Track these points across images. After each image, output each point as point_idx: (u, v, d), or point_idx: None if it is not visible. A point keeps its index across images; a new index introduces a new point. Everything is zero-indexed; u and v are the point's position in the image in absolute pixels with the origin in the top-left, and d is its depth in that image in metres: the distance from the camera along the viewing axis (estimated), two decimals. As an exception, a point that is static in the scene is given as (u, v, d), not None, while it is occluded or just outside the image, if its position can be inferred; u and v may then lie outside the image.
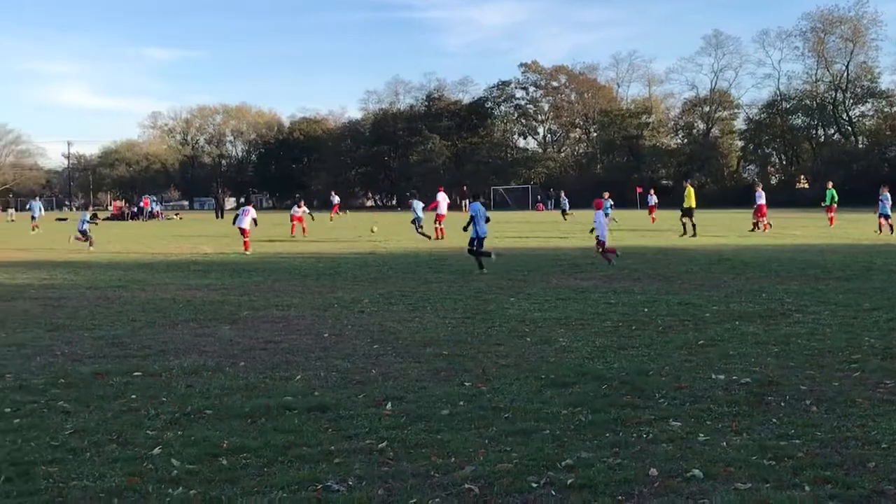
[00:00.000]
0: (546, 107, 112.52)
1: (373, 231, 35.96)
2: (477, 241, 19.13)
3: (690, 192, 32.50)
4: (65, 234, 35.19)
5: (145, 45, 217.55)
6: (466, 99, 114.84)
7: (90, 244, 29.22)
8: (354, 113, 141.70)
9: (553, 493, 5.11)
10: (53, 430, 6.48)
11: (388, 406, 7.10)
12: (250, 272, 19.59)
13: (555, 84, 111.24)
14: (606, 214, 37.64)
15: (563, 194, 56.49)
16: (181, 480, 5.37)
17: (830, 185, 37.13)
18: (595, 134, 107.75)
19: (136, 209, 72.93)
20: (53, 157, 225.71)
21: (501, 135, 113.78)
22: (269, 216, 57.69)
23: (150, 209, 72.84)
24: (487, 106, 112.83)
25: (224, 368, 8.77)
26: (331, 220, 53.08)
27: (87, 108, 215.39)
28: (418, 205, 32.70)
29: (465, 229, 19.83)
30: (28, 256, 26.04)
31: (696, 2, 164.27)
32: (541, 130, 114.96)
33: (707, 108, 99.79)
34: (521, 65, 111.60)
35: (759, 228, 33.23)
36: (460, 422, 6.60)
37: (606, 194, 39.71)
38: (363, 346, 9.97)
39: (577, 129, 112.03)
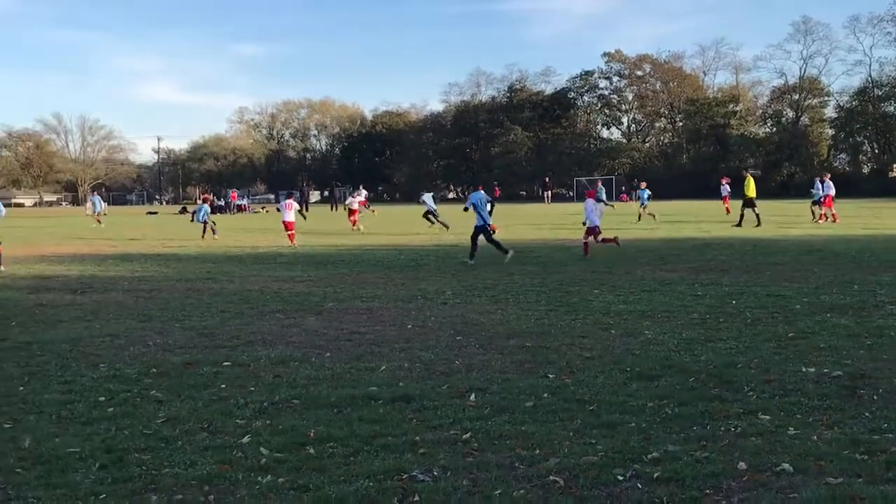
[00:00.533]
0: (630, 96, 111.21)
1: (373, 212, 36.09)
2: (483, 228, 19.58)
3: (750, 182, 31.95)
4: (152, 227, 36.11)
5: (232, 41, 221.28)
6: (549, 90, 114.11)
7: (214, 233, 29.95)
8: (436, 105, 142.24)
9: (639, 486, 5.06)
10: (146, 419, 6.65)
11: (472, 397, 7.11)
12: (335, 264, 19.81)
13: (639, 73, 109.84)
14: (643, 206, 37.04)
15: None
16: (270, 468, 5.47)
17: None
18: (681, 123, 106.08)
19: (223, 203, 74.25)
20: (144, 152, 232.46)
21: (584, 125, 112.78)
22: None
23: (237, 202, 74.11)
24: (570, 96, 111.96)
25: (310, 359, 8.89)
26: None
27: (177, 103, 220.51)
28: (429, 198, 33.69)
29: (466, 209, 20.59)
30: (120, 249, 26.69)
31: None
32: (625, 120, 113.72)
33: (796, 96, 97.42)
34: (605, 54, 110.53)
35: (823, 219, 32.46)
36: (544, 414, 6.58)
37: (643, 184, 39.29)
38: (446, 337, 10.00)
39: (663, 119, 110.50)
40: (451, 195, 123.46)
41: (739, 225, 30.63)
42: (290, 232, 26.89)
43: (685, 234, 27.97)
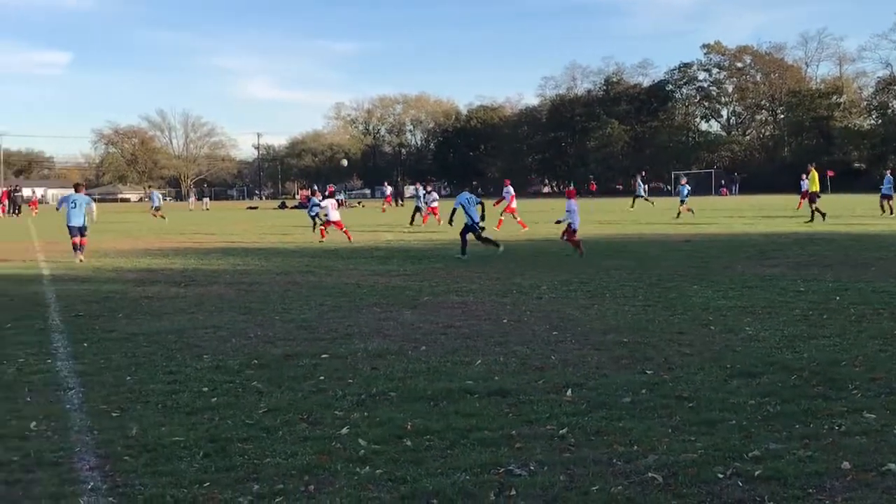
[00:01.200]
0: (730, 88, 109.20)
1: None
2: (472, 227, 20.02)
3: (815, 176, 30.94)
4: (251, 222, 36.84)
5: (329, 38, 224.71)
6: (646, 82, 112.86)
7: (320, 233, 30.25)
8: (531, 99, 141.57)
9: (740, 483, 4.97)
10: (248, 409, 6.78)
11: (569, 392, 7.07)
12: (430, 259, 19.92)
13: (739, 65, 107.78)
14: (682, 202, 35.84)
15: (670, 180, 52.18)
16: (368, 460, 5.52)
17: None
18: (782, 116, 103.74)
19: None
20: (244, 148, 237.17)
21: (682, 118, 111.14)
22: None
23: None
24: (668, 89, 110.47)
25: (406, 352, 8.95)
26: (383, 210, 53.51)
27: (276, 100, 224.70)
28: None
29: (450, 222, 21.00)
30: (221, 243, 27.29)
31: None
32: (724, 113, 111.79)
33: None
34: (704, 46, 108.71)
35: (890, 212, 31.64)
36: (642, 410, 6.51)
37: (684, 180, 38.11)
38: (542, 332, 9.96)
39: (763, 111, 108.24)
40: (545, 189, 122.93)
41: (812, 220, 29.82)
42: (343, 230, 26.79)
43: (786, 229, 27.35)
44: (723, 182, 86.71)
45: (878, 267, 15.62)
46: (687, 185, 38.06)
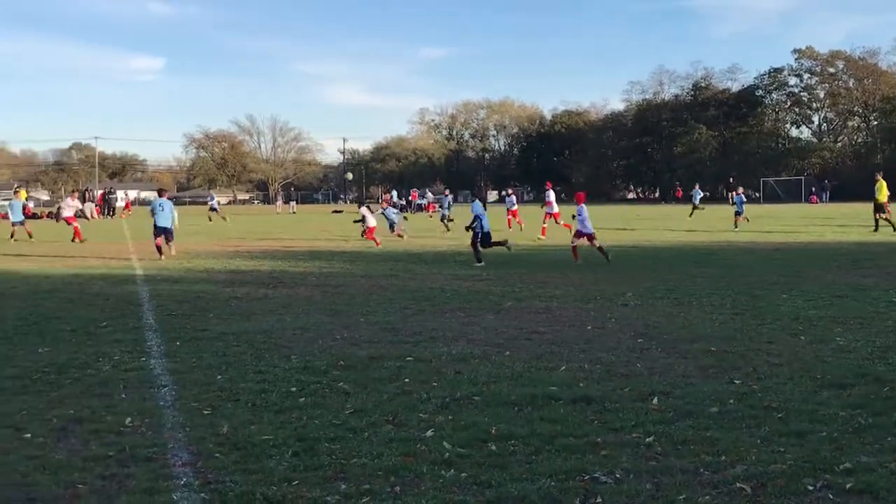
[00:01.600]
0: (821, 94, 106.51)
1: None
2: (482, 235, 20.15)
3: (882, 185, 29.72)
4: (336, 224, 37.23)
5: (415, 44, 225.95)
6: (735, 87, 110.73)
7: (398, 234, 30.49)
8: (617, 104, 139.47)
9: (830, 496, 4.88)
10: (335, 410, 6.87)
11: (655, 401, 7.01)
12: (513, 264, 19.90)
13: (831, 70, 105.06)
14: (738, 213, 34.18)
15: (697, 187, 49.28)
16: (453, 463, 5.54)
17: None
18: (876, 122, 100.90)
19: (403, 202, 75.33)
20: (330, 152, 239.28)
21: (772, 124, 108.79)
22: (529, 209, 58.17)
23: (417, 202, 75.10)
24: (758, 94, 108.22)
25: (490, 357, 8.97)
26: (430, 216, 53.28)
27: (361, 105, 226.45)
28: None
29: (468, 229, 20.83)
30: (307, 246, 27.66)
31: None
32: (815, 119, 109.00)
33: None
34: (795, 51, 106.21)
35: None
36: (730, 420, 6.42)
37: (741, 189, 36.42)
38: (627, 339, 9.89)
39: (856, 118, 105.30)
40: (630, 195, 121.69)
41: (877, 229, 28.87)
42: (371, 237, 27.34)
43: (879, 238, 26.65)
44: (813, 189, 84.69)
45: (976, 278, 15.12)
46: (742, 195, 36.71)
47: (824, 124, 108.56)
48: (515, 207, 36.52)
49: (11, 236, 30.62)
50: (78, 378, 8.24)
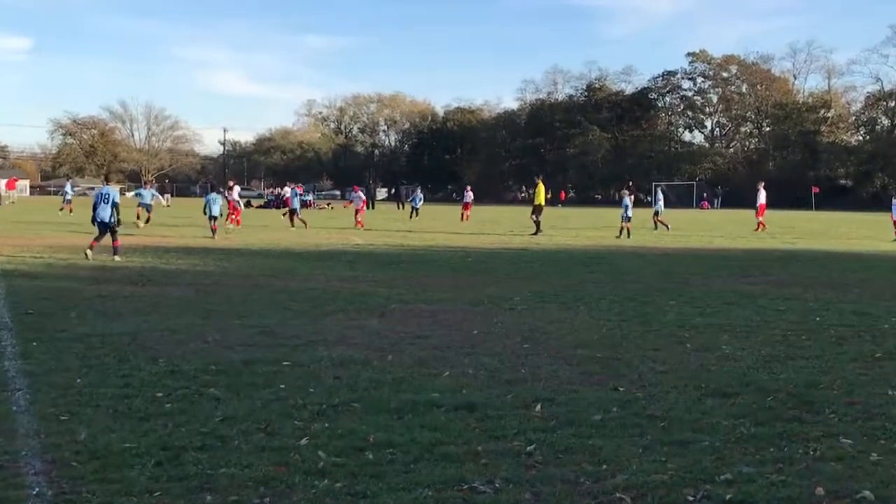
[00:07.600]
0: (714, 99, 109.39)
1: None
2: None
3: (541, 188, 31.50)
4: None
5: (301, 32, 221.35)
6: (629, 89, 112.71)
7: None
8: (510, 103, 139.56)
9: (710, 508, 4.83)
10: (203, 417, 6.56)
11: (538, 408, 6.89)
12: (399, 264, 19.71)
13: (725, 75, 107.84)
14: (656, 213, 34.61)
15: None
16: (327, 472, 5.35)
17: None
18: (768, 129, 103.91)
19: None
20: (209, 143, 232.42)
21: (665, 128, 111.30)
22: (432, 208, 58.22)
23: (302, 198, 73.52)
24: (651, 97, 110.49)
25: (371, 362, 8.72)
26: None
27: (243, 95, 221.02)
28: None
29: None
30: (181, 242, 26.83)
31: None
32: (708, 124, 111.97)
33: (892, 103, 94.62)
34: (689, 54, 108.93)
35: None
36: (613, 428, 6.35)
37: (626, 191, 37.09)
38: (513, 345, 9.76)
39: (748, 123, 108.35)
40: (521, 195, 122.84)
41: None
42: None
43: (768, 245, 27.34)
44: (704, 195, 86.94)
45: (861, 287, 15.53)
46: (661, 198, 37.25)
47: (717, 129, 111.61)
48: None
49: None
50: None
